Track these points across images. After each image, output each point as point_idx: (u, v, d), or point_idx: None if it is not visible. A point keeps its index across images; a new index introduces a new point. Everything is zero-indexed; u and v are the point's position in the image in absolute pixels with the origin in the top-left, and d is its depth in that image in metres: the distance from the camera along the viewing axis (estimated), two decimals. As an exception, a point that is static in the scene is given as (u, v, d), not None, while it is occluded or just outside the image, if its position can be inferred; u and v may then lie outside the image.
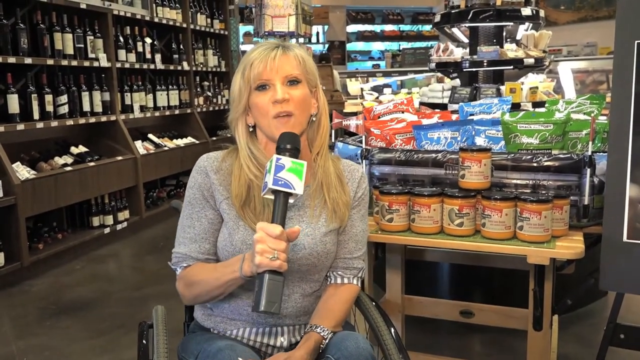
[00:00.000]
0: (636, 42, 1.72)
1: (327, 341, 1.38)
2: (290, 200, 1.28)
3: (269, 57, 1.41)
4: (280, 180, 1.26)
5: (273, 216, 1.27)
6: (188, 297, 1.47)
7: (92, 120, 4.64)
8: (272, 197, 1.28)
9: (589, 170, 1.84)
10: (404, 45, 11.54)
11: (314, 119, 1.49)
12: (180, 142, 5.85)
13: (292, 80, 1.43)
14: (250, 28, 7.32)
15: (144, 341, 1.51)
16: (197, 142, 6.05)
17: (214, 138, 6.33)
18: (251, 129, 1.48)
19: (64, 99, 4.34)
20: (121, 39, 5.12)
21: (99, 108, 4.74)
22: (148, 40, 5.48)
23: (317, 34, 11.21)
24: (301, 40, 5.34)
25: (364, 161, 2.13)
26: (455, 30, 3.71)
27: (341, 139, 2.58)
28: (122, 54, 5.08)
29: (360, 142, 2.25)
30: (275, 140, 1.41)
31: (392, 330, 1.50)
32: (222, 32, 7.05)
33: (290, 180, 1.26)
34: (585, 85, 6.00)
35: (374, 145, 2.23)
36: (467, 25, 3.53)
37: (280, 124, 1.41)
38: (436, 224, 1.88)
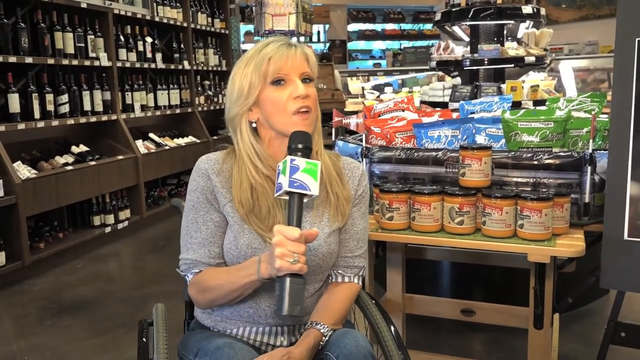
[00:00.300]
0: (637, 39, 1.71)
1: (326, 338, 1.38)
2: (304, 200, 1.27)
3: (290, 53, 1.41)
4: (296, 182, 1.24)
5: (289, 218, 1.26)
6: (203, 301, 1.46)
7: (93, 119, 4.64)
8: (286, 197, 1.27)
9: (589, 168, 1.84)
10: (405, 44, 11.53)
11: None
12: (181, 141, 5.85)
13: (307, 78, 1.43)
14: (251, 27, 7.31)
15: (144, 339, 1.51)
16: (198, 141, 6.06)
17: (215, 137, 6.33)
18: (253, 125, 1.46)
19: (64, 98, 4.34)
20: (122, 38, 5.12)
21: (99, 107, 4.75)
22: (149, 39, 5.48)
23: (318, 33, 11.20)
24: (302, 39, 5.33)
25: (364, 159, 2.13)
26: (456, 28, 3.70)
27: (341, 137, 2.58)
28: (122, 53, 5.08)
29: (361, 140, 2.25)
30: (279, 135, 1.40)
31: (392, 328, 1.49)
32: (222, 31, 7.05)
33: (306, 182, 1.25)
34: (586, 83, 5.98)
35: (374, 144, 2.23)
36: (467, 23, 3.52)
37: (300, 119, 1.40)
38: (436, 222, 1.88)
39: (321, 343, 1.37)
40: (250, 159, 1.43)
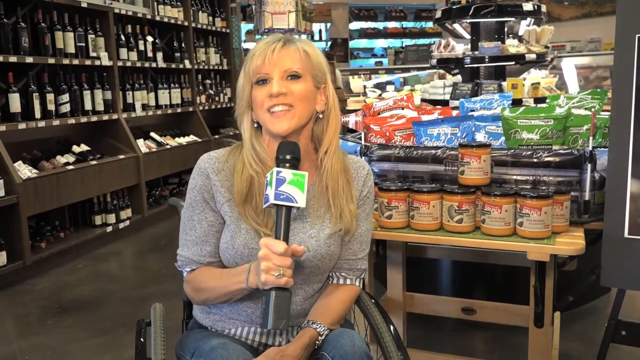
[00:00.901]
0: (637, 36, 1.70)
1: (322, 338, 1.37)
2: (293, 211, 1.27)
3: (268, 51, 1.38)
4: (282, 194, 1.24)
5: (276, 231, 1.25)
6: (197, 300, 1.48)
7: (94, 119, 4.64)
8: (274, 209, 1.27)
9: (589, 166, 1.83)
10: (407, 42, 11.50)
11: (320, 116, 1.46)
12: (183, 140, 5.85)
13: (293, 75, 1.39)
14: (252, 26, 7.31)
15: (142, 339, 1.51)
16: (200, 140, 6.06)
17: (216, 136, 6.33)
18: (256, 125, 1.45)
19: (65, 97, 4.34)
20: (122, 37, 5.12)
21: (100, 107, 4.75)
22: (149, 38, 5.48)
23: (320, 31, 11.19)
24: (303, 37, 5.33)
25: (363, 158, 2.12)
26: (456, 26, 3.69)
27: (341, 135, 2.57)
28: (123, 52, 5.08)
29: (360, 138, 2.24)
30: (275, 136, 1.39)
31: (392, 327, 1.49)
32: (224, 30, 7.05)
33: (292, 194, 1.24)
34: (589, 81, 5.95)
35: (373, 142, 2.22)
36: (468, 20, 3.51)
37: (273, 117, 1.38)
38: (435, 220, 1.87)
39: (317, 342, 1.37)
40: (249, 161, 1.43)
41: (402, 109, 2.47)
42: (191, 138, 6.00)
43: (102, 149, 4.79)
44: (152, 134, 5.48)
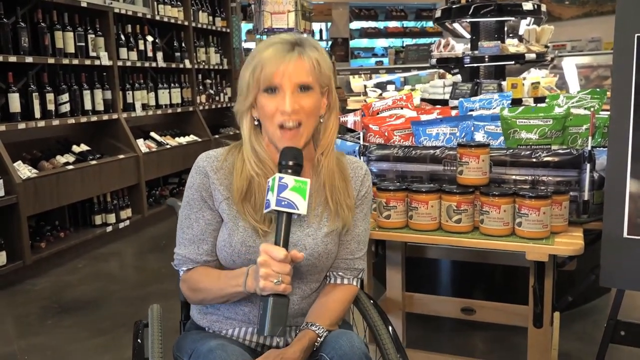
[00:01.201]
0: (636, 35, 1.70)
1: (321, 339, 1.37)
2: (293, 217, 1.26)
3: (283, 61, 1.34)
4: (284, 200, 1.23)
5: (276, 237, 1.25)
6: (193, 299, 1.48)
7: (94, 118, 4.64)
8: (274, 214, 1.26)
9: (588, 166, 1.82)
10: (408, 41, 11.49)
11: (321, 120, 1.45)
12: (183, 140, 5.84)
13: (303, 86, 1.37)
14: (252, 25, 7.31)
15: (139, 340, 1.50)
16: (200, 140, 6.05)
17: (217, 136, 6.33)
18: (256, 123, 1.44)
19: (65, 97, 4.34)
20: (122, 37, 5.11)
21: (100, 106, 4.74)
22: (149, 38, 5.48)
23: (320, 31, 11.17)
24: (304, 36, 5.31)
25: (362, 157, 2.12)
26: (456, 25, 3.68)
27: (339, 135, 2.56)
28: (123, 52, 5.08)
29: (359, 138, 2.23)
30: (277, 146, 1.38)
31: (390, 328, 1.48)
32: (224, 29, 7.04)
33: (294, 200, 1.24)
34: (589, 80, 5.94)
35: (372, 142, 2.21)
36: (468, 20, 3.50)
37: (284, 137, 1.36)
38: (434, 220, 1.86)
39: (316, 344, 1.36)
40: (249, 160, 1.42)
41: (401, 108, 2.46)
42: (191, 138, 6.00)
43: (102, 149, 4.78)
44: (152, 134, 5.48)
